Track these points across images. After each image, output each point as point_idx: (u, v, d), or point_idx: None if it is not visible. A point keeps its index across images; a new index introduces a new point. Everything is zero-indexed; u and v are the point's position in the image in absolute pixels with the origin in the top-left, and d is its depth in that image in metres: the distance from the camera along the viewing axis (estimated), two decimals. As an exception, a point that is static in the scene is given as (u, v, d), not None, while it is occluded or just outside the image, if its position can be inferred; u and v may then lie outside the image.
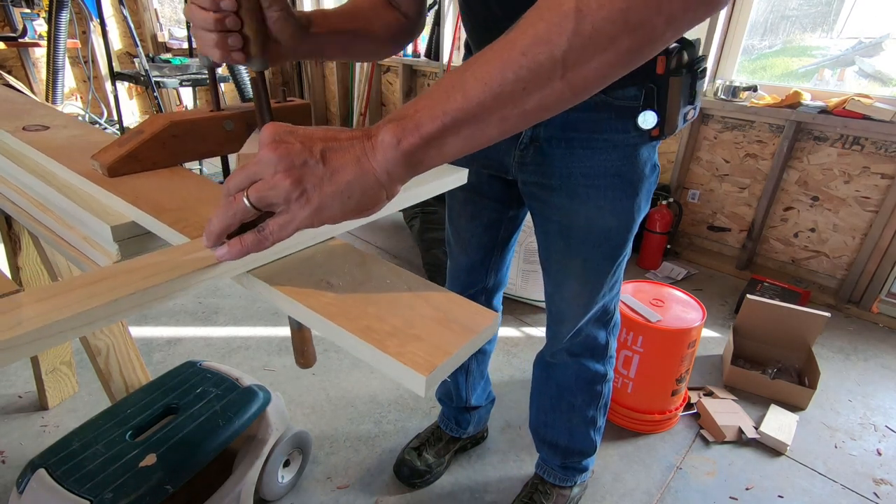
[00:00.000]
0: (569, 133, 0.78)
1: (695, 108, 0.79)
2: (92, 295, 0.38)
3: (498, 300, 1.18)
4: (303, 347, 0.70)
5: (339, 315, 0.42)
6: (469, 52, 0.88)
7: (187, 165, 0.72)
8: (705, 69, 0.76)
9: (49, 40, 2.36)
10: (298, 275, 0.48)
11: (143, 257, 0.45)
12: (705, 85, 2.31)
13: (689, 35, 0.74)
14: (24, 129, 0.77)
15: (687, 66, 0.72)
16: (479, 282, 1.11)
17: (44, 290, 0.38)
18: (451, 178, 0.73)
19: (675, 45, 0.71)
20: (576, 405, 1.08)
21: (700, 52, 0.76)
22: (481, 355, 1.26)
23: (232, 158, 0.73)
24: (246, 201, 0.39)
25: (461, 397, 1.28)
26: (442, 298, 0.46)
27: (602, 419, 1.12)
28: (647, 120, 0.74)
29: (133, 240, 0.55)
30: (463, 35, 3.00)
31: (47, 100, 2.80)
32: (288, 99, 0.80)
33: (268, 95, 0.62)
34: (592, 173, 0.80)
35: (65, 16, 2.35)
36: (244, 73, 2.27)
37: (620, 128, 0.76)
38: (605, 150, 0.78)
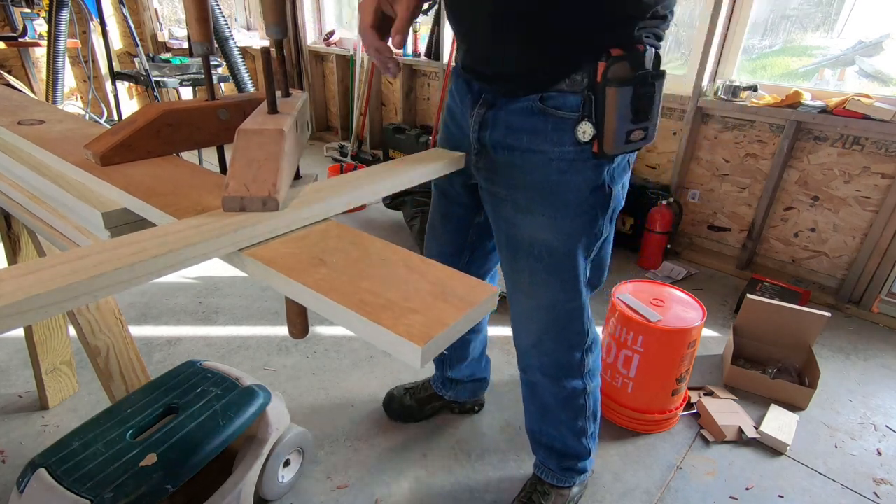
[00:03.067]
0: (510, 140, 0.75)
1: (645, 131, 0.71)
2: (76, 270, 0.38)
3: None
4: (296, 318, 0.69)
5: (332, 290, 0.42)
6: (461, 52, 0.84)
7: (186, 157, 0.72)
8: (651, 85, 0.68)
9: (49, 40, 2.36)
10: (291, 253, 0.48)
11: (130, 235, 0.45)
12: (706, 87, 2.31)
13: (652, 45, 0.68)
14: (19, 123, 0.77)
15: (629, 78, 0.66)
16: None
17: (26, 266, 0.38)
18: (448, 160, 0.74)
19: (617, 51, 0.65)
20: (562, 419, 1.07)
21: (654, 66, 0.68)
22: (459, 343, 1.27)
23: (228, 149, 0.73)
24: None
25: (439, 367, 1.39)
26: (440, 273, 0.45)
27: (593, 426, 1.11)
28: (586, 132, 0.69)
29: (125, 227, 0.55)
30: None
31: (47, 100, 2.80)
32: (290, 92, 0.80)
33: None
34: (532, 186, 0.77)
35: (65, 15, 2.35)
36: (244, 73, 2.27)
37: (557, 140, 0.72)
38: (542, 163, 0.74)
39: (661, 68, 0.70)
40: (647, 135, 0.73)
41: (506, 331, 1.92)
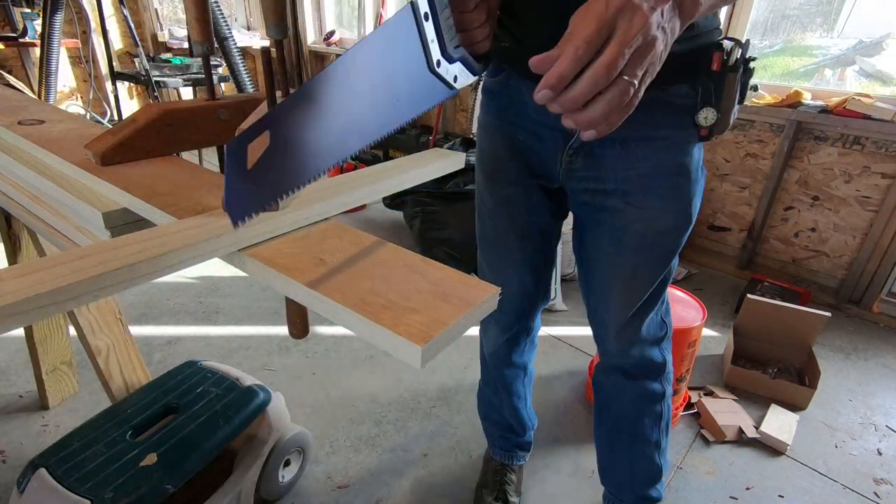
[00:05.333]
0: (623, 132, 0.70)
1: (738, 110, 0.77)
2: (77, 270, 0.38)
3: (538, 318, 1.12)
4: (296, 318, 0.68)
5: (332, 290, 0.42)
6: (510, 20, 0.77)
7: (186, 157, 0.72)
8: (751, 70, 0.74)
9: (43, 42, 2.35)
10: (292, 253, 0.47)
11: (130, 235, 0.45)
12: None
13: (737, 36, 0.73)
14: (19, 123, 0.77)
15: (743, 63, 0.71)
16: (534, 309, 1.04)
17: (27, 266, 0.38)
18: (448, 161, 0.73)
19: (729, 41, 0.70)
20: (638, 433, 1.01)
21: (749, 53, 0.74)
22: (530, 377, 1.20)
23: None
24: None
25: (523, 426, 1.23)
26: (440, 274, 0.45)
27: (666, 440, 1.05)
28: (708, 117, 0.72)
29: (125, 227, 0.55)
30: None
31: (47, 100, 2.80)
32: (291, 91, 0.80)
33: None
34: (651, 173, 0.76)
35: (59, 17, 2.34)
36: (244, 74, 2.27)
37: (678, 124, 0.74)
38: (664, 148, 0.75)
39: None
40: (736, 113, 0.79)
41: (506, 331, 1.92)
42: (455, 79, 0.53)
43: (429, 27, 0.48)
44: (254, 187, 0.42)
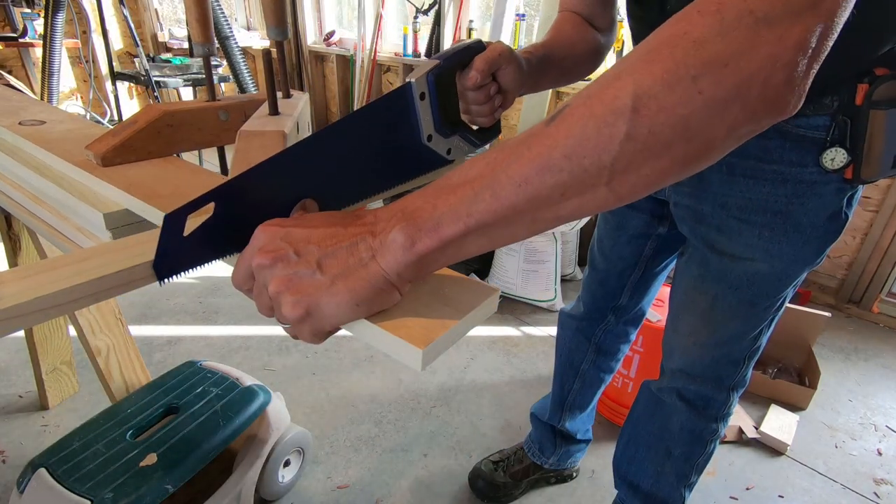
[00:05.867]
0: (731, 157, 0.66)
1: None
2: (78, 273, 0.38)
3: (632, 330, 1.11)
4: None
5: None
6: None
7: (186, 157, 0.72)
8: None
9: (45, 41, 2.35)
10: None
11: (131, 237, 0.45)
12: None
13: None
14: (20, 123, 0.77)
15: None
16: (613, 297, 1.02)
17: (28, 268, 0.38)
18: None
19: (884, 69, 0.59)
20: (673, 454, 0.94)
21: None
22: (591, 380, 1.15)
23: (229, 150, 0.72)
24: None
25: (556, 416, 1.19)
26: (440, 276, 0.45)
27: (696, 476, 0.97)
28: (835, 159, 0.62)
29: (126, 228, 0.55)
30: (463, 34, 3.00)
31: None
32: (291, 93, 0.80)
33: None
34: (750, 207, 0.69)
35: (61, 17, 2.34)
36: (246, 73, 2.27)
37: (797, 160, 0.64)
38: (771, 182, 0.66)
39: None
40: None
41: (507, 331, 1.92)
42: (449, 151, 0.54)
43: (423, 105, 0.50)
44: (188, 251, 0.41)
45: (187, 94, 3.83)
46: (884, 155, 0.61)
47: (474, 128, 0.59)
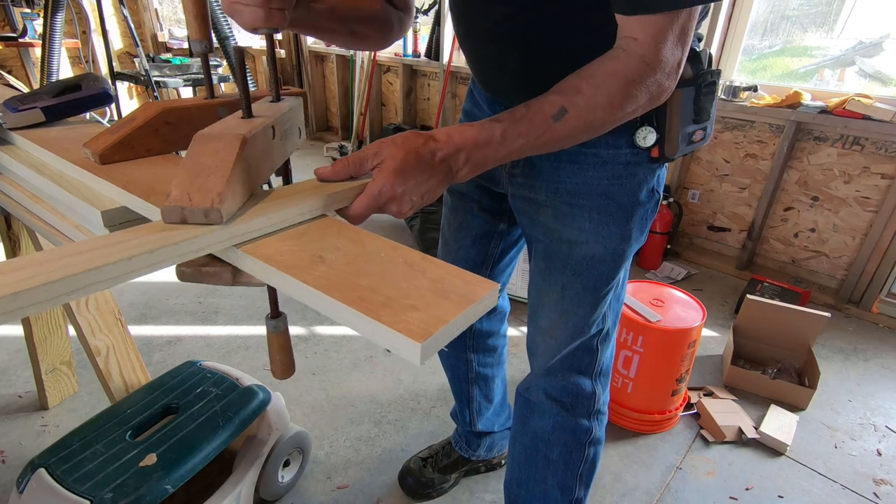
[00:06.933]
0: None
1: (704, 130, 0.71)
2: (70, 265, 0.38)
3: (498, 324, 1.12)
4: (277, 354, 0.63)
5: (331, 287, 0.42)
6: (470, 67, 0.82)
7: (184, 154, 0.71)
8: (713, 83, 0.68)
9: (44, 42, 2.35)
10: (290, 250, 0.47)
11: (126, 230, 0.45)
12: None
13: (697, 45, 0.67)
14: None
15: (690, 79, 0.66)
16: None
17: (19, 261, 0.38)
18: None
19: None
20: (551, 458, 0.93)
21: (709, 65, 0.68)
22: (483, 382, 1.17)
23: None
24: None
25: (466, 421, 1.23)
26: (440, 271, 0.45)
27: (584, 491, 0.94)
28: (647, 138, 0.68)
29: (124, 225, 0.55)
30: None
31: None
32: (283, 88, 0.80)
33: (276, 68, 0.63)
34: (578, 191, 0.73)
35: (60, 17, 2.34)
36: (246, 74, 2.27)
37: (612, 143, 0.69)
38: (593, 166, 0.72)
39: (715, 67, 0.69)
40: (706, 134, 0.72)
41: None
42: None
43: None
44: None
45: (187, 94, 3.83)
46: (680, 133, 0.68)
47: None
